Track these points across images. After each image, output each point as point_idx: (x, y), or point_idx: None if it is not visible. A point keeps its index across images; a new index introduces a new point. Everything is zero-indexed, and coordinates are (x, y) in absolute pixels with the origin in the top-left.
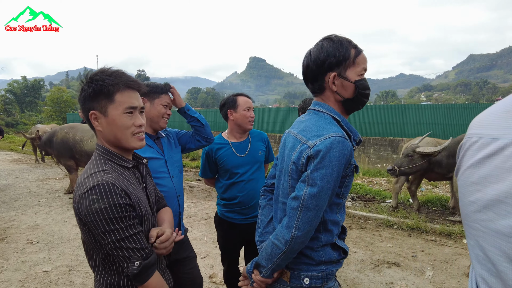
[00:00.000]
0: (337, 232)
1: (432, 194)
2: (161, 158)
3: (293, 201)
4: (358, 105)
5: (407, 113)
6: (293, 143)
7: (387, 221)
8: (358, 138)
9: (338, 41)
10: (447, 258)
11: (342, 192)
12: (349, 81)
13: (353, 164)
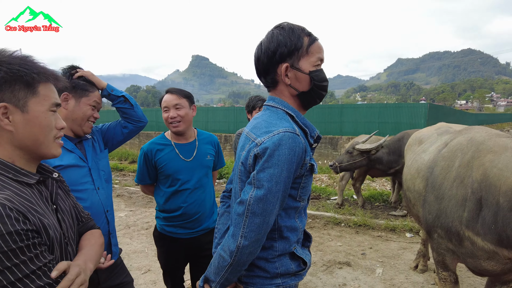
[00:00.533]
0: (295, 239)
1: (370, 188)
2: (83, 166)
3: (238, 206)
4: (315, 98)
5: (345, 112)
6: (244, 142)
7: (335, 219)
8: (315, 134)
9: (290, 29)
10: (393, 253)
11: (299, 194)
12: (303, 73)
13: (309, 162)
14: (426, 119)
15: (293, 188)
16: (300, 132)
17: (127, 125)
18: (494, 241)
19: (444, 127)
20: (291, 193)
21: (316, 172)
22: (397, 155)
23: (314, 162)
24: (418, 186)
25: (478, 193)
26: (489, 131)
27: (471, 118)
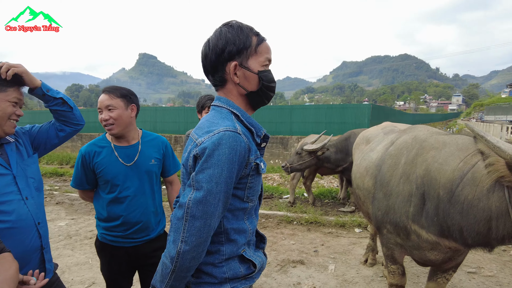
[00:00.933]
0: (244, 241)
1: (319, 185)
2: (6, 174)
3: (178, 210)
4: (263, 99)
5: (294, 113)
6: (187, 144)
7: (287, 218)
8: (262, 133)
9: (238, 27)
10: (344, 249)
11: (246, 195)
12: (252, 72)
13: (254, 162)
14: (369, 119)
15: (239, 189)
16: (246, 132)
17: (64, 128)
18: (437, 233)
19: (389, 126)
20: (237, 194)
21: (263, 172)
22: (344, 153)
23: (261, 162)
24: (367, 184)
25: (421, 188)
26: (431, 130)
27: (409, 118)
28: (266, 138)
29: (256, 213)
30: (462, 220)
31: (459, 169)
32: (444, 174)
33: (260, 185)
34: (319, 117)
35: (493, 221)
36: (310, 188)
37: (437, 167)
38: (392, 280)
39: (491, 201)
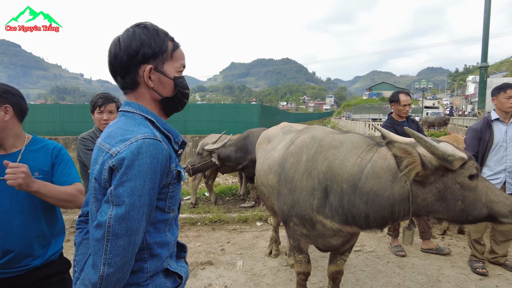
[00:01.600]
0: (167, 254)
1: (215, 183)
2: None
3: (96, 230)
4: (178, 105)
5: (188, 111)
6: (97, 154)
7: (191, 219)
8: (180, 139)
9: (154, 30)
10: (249, 243)
11: (167, 205)
12: (167, 77)
13: (175, 169)
14: (259, 118)
15: (160, 199)
16: (163, 138)
17: None
18: (341, 221)
19: (287, 126)
20: (159, 205)
21: (184, 179)
22: (244, 151)
23: (181, 169)
24: (271, 181)
25: (324, 182)
26: (325, 129)
27: (292, 117)
28: (183, 144)
29: (176, 223)
30: (369, 208)
31: (357, 164)
32: (345, 170)
33: (180, 193)
34: (213, 116)
35: (396, 206)
36: (212, 187)
37: (339, 163)
38: (299, 269)
39: (394, 190)
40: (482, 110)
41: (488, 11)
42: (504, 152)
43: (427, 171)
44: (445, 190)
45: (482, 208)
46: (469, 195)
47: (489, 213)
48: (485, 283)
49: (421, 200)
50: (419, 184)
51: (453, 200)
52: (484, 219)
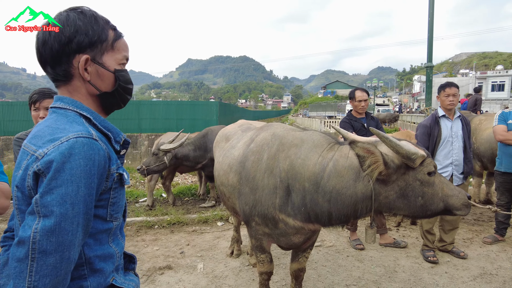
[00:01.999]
0: (112, 268)
1: (173, 183)
2: None
3: (17, 248)
4: (119, 102)
5: (142, 109)
6: (20, 158)
7: (147, 222)
8: (121, 138)
9: (92, 16)
10: (210, 244)
11: (109, 213)
12: (107, 70)
13: (116, 172)
14: (217, 115)
15: (100, 207)
16: (101, 137)
17: None
18: (303, 219)
19: (245, 124)
20: (98, 214)
21: (127, 183)
22: (203, 150)
23: (124, 171)
24: (232, 180)
25: (285, 181)
26: (285, 127)
27: (251, 114)
28: (126, 144)
29: (122, 232)
30: (331, 206)
31: (319, 163)
32: (307, 169)
33: (124, 198)
34: (169, 113)
35: (358, 204)
36: (170, 187)
37: (301, 162)
38: (262, 269)
39: (357, 188)
40: (428, 107)
41: (432, 15)
42: (451, 147)
43: (389, 170)
44: (406, 187)
45: (439, 202)
46: (428, 191)
47: (445, 206)
48: (436, 270)
49: (383, 198)
50: (381, 182)
51: (413, 197)
52: (440, 212)
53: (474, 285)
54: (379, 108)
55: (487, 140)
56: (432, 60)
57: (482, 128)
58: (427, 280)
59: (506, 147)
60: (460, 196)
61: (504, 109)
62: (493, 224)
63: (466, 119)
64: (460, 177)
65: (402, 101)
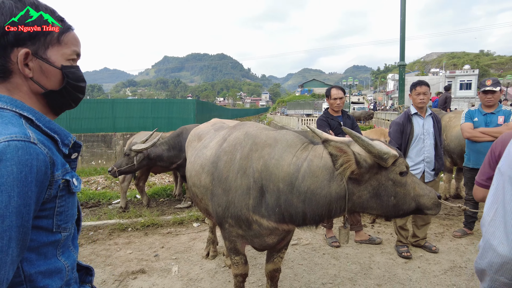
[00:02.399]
0: (60, 284)
1: (150, 183)
2: None
3: None
4: (69, 101)
5: (117, 107)
6: None
7: (120, 225)
8: (70, 141)
9: (33, 4)
10: (185, 246)
11: (56, 224)
12: (52, 66)
13: (61, 178)
14: (195, 114)
15: (44, 217)
16: (46, 140)
17: None
18: (277, 220)
19: (218, 123)
20: (42, 225)
21: (77, 190)
22: (177, 150)
23: (73, 177)
24: (204, 181)
25: (259, 181)
26: (259, 126)
27: (229, 112)
28: (77, 147)
29: (74, 243)
30: (306, 207)
31: (294, 163)
32: (282, 169)
33: (76, 207)
34: (145, 112)
35: (333, 204)
36: (144, 188)
37: (275, 163)
38: (236, 271)
39: (332, 188)
40: (401, 105)
41: (404, 14)
42: (422, 144)
43: (361, 170)
44: (379, 187)
45: (411, 202)
46: (400, 191)
47: (417, 206)
48: (409, 265)
49: (357, 197)
50: (354, 182)
51: (386, 197)
52: (412, 212)
53: (445, 278)
54: (355, 106)
55: (457, 137)
56: (404, 59)
57: (452, 126)
58: (401, 275)
59: (473, 144)
60: (431, 195)
61: (471, 107)
62: (462, 218)
63: (437, 117)
64: (432, 174)
65: (377, 99)
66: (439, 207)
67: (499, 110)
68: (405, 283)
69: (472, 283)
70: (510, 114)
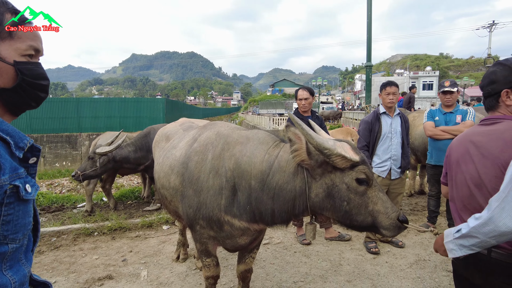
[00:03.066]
0: None
1: (117, 184)
2: None
3: None
4: (28, 100)
5: (82, 106)
6: None
7: (86, 230)
8: (26, 144)
9: None
10: (154, 250)
11: (2, 234)
12: (3, 61)
13: (8, 184)
14: (164, 113)
15: None
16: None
17: None
18: (248, 219)
19: (187, 122)
20: None
21: (31, 196)
22: (145, 151)
23: (26, 183)
24: (173, 182)
25: (231, 180)
26: (230, 125)
27: (200, 111)
28: (35, 151)
29: (27, 256)
30: (274, 203)
31: (266, 160)
32: (254, 166)
33: (30, 215)
34: (112, 111)
35: (297, 199)
36: (111, 191)
37: (247, 160)
38: (208, 273)
39: (296, 182)
40: (368, 104)
41: (370, 17)
42: (390, 142)
43: (311, 161)
44: (333, 187)
45: (367, 216)
46: (355, 199)
47: (373, 222)
48: (378, 260)
49: (315, 195)
50: (311, 177)
51: (339, 200)
52: (368, 227)
53: (411, 271)
54: (324, 105)
55: (420, 136)
56: (371, 60)
57: (416, 124)
58: (369, 271)
59: (435, 141)
60: (391, 215)
61: (431, 106)
62: (426, 213)
63: (405, 116)
64: (398, 171)
65: (345, 99)
66: (397, 230)
67: (457, 109)
68: (374, 278)
69: (435, 275)
70: (467, 113)
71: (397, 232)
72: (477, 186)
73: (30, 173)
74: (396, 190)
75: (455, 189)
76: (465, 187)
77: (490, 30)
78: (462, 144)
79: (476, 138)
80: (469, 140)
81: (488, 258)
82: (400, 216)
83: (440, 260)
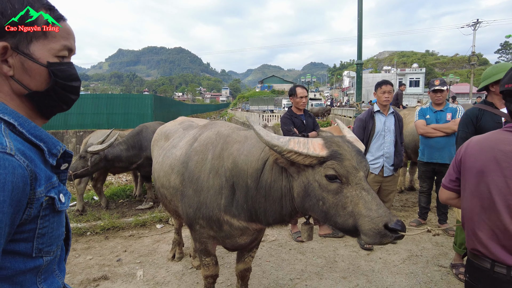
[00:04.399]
0: None
1: (107, 183)
2: None
3: None
4: (59, 103)
5: None
6: None
7: (78, 229)
8: (59, 150)
9: None
10: (149, 249)
11: (36, 247)
12: (36, 62)
13: (45, 195)
14: (153, 109)
15: (21, 241)
16: (28, 150)
17: None
18: (246, 219)
19: (187, 121)
20: (19, 250)
21: (65, 207)
22: (137, 149)
23: (60, 193)
24: (174, 182)
25: (230, 179)
26: (231, 125)
27: (188, 108)
28: (67, 157)
29: (60, 267)
30: (266, 202)
31: (261, 158)
32: (250, 165)
33: (63, 225)
34: (99, 107)
35: (283, 198)
36: (102, 190)
37: (244, 158)
38: (207, 272)
39: (282, 181)
40: (359, 102)
41: (361, 14)
42: (383, 140)
43: (283, 159)
44: (308, 185)
45: (348, 217)
46: (328, 198)
47: (354, 225)
48: (371, 257)
49: (297, 194)
50: (291, 175)
51: (315, 199)
52: (351, 230)
53: (404, 267)
54: (313, 102)
55: (411, 133)
56: (361, 57)
57: (406, 122)
58: (364, 267)
59: (426, 139)
60: (375, 220)
61: (422, 104)
62: (417, 209)
63: (399, 115)
64: (391, 169)
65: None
66: (380, 237)
67: (447, 107)
68: (369, 274)
69: (427, 270)
70: (457, 111)
71: (379, 240)
72: (505, 201)
73: (61, 179)
74: (388, 187)
75: (470, 199)
76: (487, 200)
77: (474, 28)
78: (485, 152)
79: (506, 148)
80: (497, 149)
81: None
82: (391, 223)
83: (431, 255)
